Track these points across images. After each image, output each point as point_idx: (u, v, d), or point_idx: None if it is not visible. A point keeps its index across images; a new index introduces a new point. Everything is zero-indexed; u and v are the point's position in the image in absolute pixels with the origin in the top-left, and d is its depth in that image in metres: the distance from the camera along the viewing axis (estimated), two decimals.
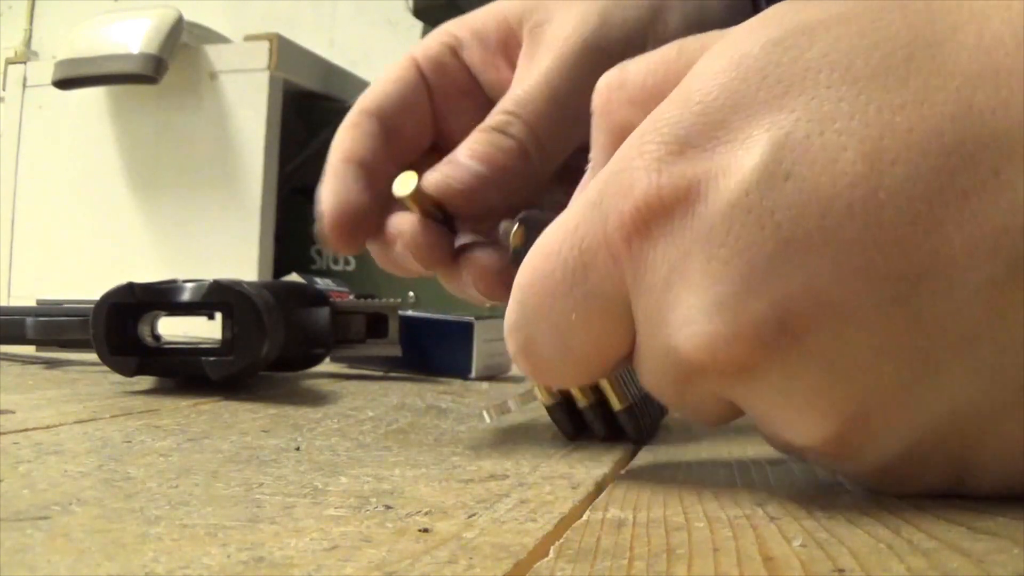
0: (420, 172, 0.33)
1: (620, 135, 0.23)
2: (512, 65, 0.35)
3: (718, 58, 0.21)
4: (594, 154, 0.26)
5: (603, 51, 0.33)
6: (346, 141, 0.36)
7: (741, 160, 0.19)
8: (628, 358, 0.23)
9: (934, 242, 0.18)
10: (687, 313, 0.20)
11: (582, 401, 0.31)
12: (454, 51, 0.37)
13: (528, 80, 0.33)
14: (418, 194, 0.32)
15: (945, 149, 0.18)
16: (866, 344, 0.19)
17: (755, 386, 0.20)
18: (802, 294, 0.19)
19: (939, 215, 0.18)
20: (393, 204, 0.34)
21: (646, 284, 0.21)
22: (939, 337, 0.18)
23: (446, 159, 0.33)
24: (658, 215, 0.20)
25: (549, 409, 0.31)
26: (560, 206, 0.24)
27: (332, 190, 0.35)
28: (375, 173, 0.35)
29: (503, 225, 0.32)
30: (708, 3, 0.36)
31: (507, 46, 0.36)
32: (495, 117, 0.33)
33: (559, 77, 0.33)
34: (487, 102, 0.35)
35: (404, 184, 0.33)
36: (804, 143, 0.19)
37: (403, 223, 0.33)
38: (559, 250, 0.22)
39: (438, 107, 0.37)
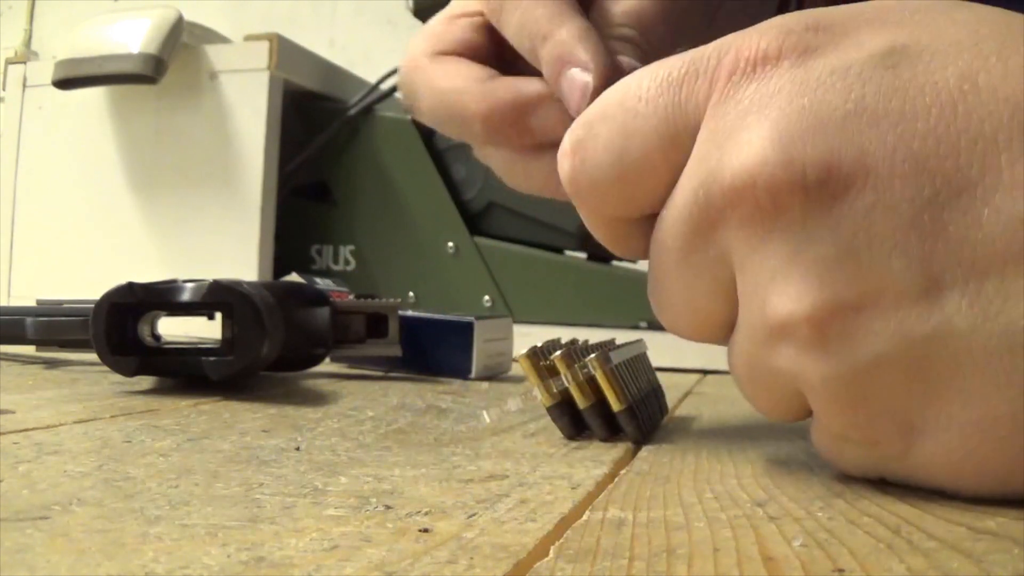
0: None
1: None
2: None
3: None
4: None
5: None
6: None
7: (860, 45, 0.21)
8: (664, 198, 0.24)
9: (986, 164, 0.19)
10: (748, 137, 0.21)
11: (582, 402, 0.31)
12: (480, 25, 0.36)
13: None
14: None
15: None
16: (889, 233, 0.20)
17: (773, 236, 0.21)
18: (856, 156, 0.20)
19: (1000, 145, 0.19)
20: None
21: (724, 110, 0.22)
22: (953, 258, 0.19)
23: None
24: (771, 60, 0.22)
25: (548, 409, 0.31)
26: None
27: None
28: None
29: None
30: None
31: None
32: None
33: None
34: None
35: None
36: (916, 53, 0.21)
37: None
38: (668, 68, 0.24)
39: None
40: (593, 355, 0.30)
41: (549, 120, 0.32)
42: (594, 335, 0.39)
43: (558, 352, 0.31)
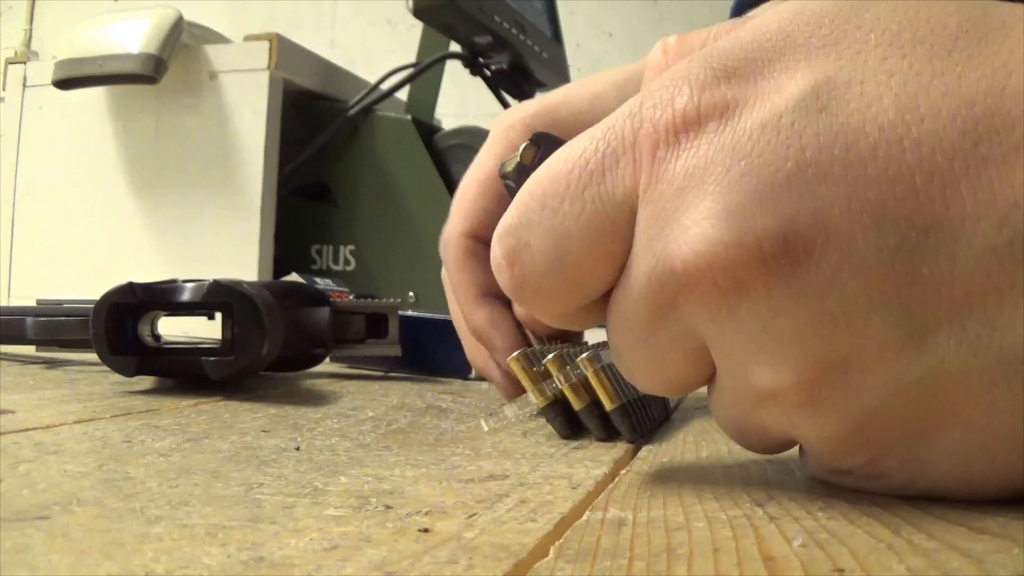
0: None
1: None
2: None
3: (777, 10, 0.22)
4: None
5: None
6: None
7: (782, 88, 0.20)
8: (616, 278, 0.22)
9: (947, 197, 0.18)
10: (693, 217, 0.20)
11: (577, 403, 0.31)
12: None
13: None
14: None
15: (973, 117, 0.19)
16: (862, 289, 0.19)
17: (739, 313, 0.20)
18: (812, 217, 0.19)
19: (957, 174, 0.18)
20: None
21: (659, 192, 0.21)
22: (933, 300, 0.19)
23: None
24: (691, 127, 0.21)
25: (543, 410, 0.31)
26: None
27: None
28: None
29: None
30: None
31: None
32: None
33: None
34: None
35: None
36: (844, 87, 0.19)
37: None
38: (582, 152, 0.22)
39: None
40: (584, 355, 0.30)
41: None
42: (594, 335, 0.39)
43: (550, 355, 0.31)
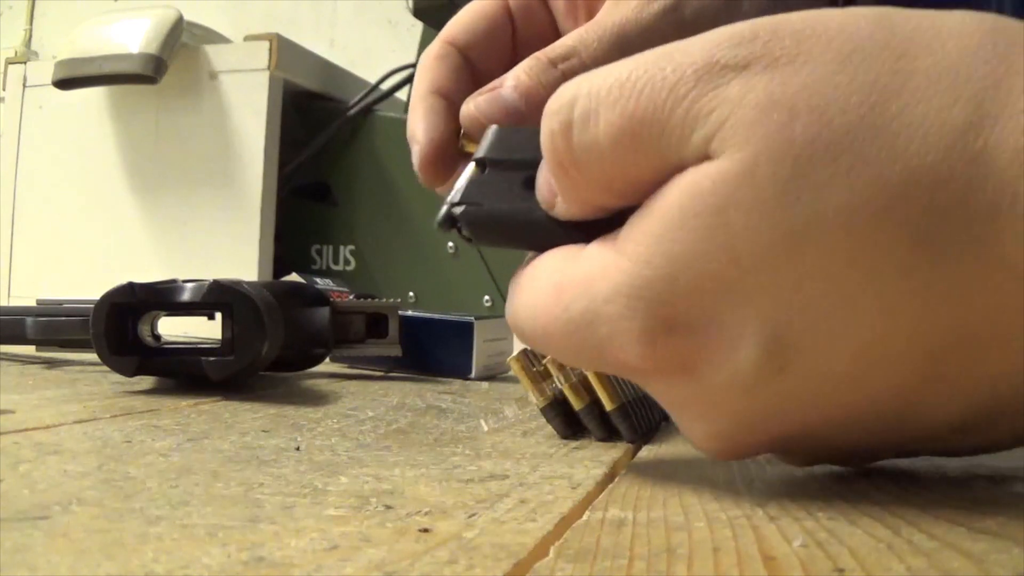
0: None
1: None
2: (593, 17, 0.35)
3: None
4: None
5: (682, 21, 0.32)
6: (434, 71, 0.34)
7: (735, 342, 0.20)
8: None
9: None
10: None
11: (576, 403, 0.31)
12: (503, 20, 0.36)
13: (601, 23, 0.32)
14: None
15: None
16: None
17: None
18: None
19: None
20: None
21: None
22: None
23: (489, 86, 0.32)
24: (653, 375, 0.22)
25: (542, 410, 0.32)
26: None
27: (424, 123, 0.33)
28: (456, 107, 0.33)
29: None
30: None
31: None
32: (555, 48, 0.32)
33: (633, 30, 0.32)
34: None
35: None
36: (799, 334, 0.20)
37: None
38: (564, 300, 0.22)
39: (519, 50, 0.35)
40: None
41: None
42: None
43: (550, 355, 0.31)
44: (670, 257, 0.20)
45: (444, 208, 0.25)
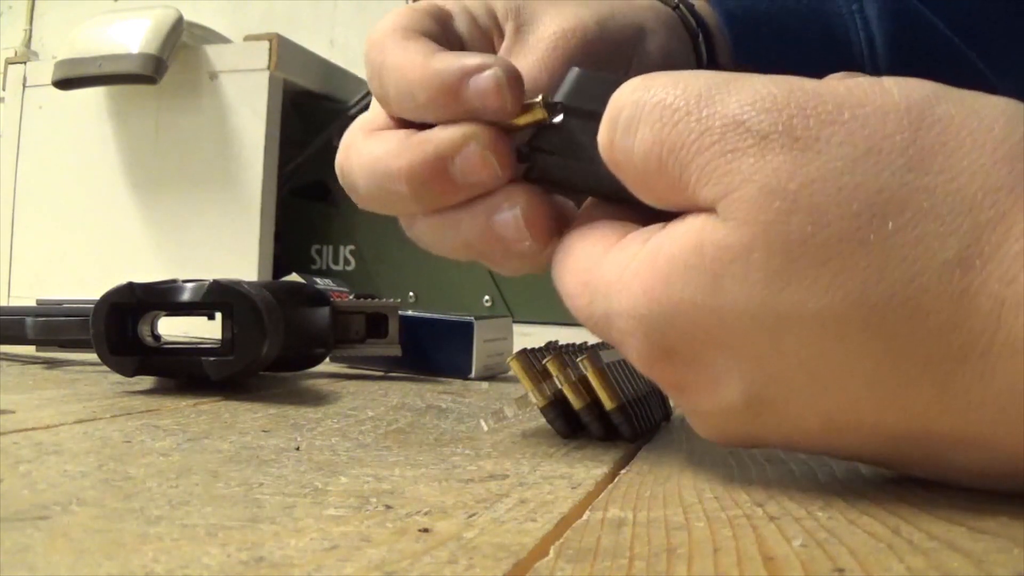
0: None
1: None
2: (494, 51, 0.34)
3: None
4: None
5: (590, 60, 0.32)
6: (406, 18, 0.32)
7: (718, 389, 0.22)
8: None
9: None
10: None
11: (576, 402, 0.31)
12: (449, 17, 0.34)
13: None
14: None
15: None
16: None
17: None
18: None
19: None
20: None
21: None
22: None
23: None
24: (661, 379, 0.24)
25: (542, 410, 0.31)
26: None
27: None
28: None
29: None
30: (672, 43, 0.35)
31: (490, 33, 0.34)
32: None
33: (544, 72, 0.31)
34: None
35: None
36: (777, 386, 0.22)
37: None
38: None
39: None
40: (584, 355, 0.30)
41: (469, 162, 0.28)
42: (593, 336, 0.39)
43: (550, 355, 0.31)
44: (671, 301, 0.22)
45: (519, 146, 0.27)
